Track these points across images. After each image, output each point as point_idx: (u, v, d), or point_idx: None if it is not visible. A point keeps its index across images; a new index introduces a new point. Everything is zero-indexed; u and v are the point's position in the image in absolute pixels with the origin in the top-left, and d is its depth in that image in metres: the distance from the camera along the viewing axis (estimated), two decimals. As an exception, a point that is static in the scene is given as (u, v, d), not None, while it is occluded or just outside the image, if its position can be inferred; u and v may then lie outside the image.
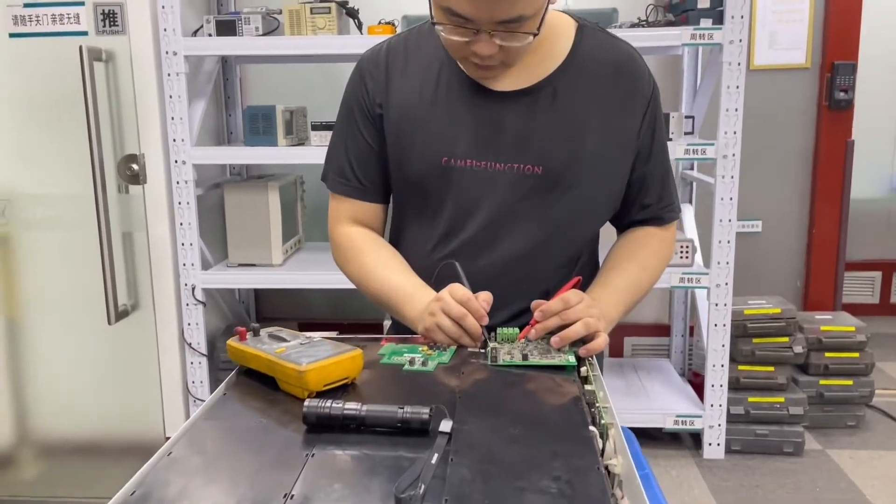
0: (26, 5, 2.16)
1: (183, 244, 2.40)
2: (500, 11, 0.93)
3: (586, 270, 1.18)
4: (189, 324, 2.45)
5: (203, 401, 2.47)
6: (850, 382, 2.64)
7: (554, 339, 0.98)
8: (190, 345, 2.45)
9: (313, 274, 2.47)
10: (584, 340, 0.99)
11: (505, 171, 1.08)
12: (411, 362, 0.95)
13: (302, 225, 2.83)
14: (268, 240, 2.52)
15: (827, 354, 2.63)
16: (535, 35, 0.97)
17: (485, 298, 1.02)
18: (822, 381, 2.64)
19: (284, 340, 0.92)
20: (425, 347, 1.01)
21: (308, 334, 1.01)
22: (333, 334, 1.08)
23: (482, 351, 1.00)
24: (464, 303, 1.00)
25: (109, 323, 2.21)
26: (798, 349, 2.55)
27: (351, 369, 0.88)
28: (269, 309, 3.16)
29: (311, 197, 2.87)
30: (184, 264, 2.41)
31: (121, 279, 2.28)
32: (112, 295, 2.20)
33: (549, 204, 1.09)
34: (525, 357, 0.95)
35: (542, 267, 1.12)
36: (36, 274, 2.35)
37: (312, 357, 0.85)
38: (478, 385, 0.90)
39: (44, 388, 2.40)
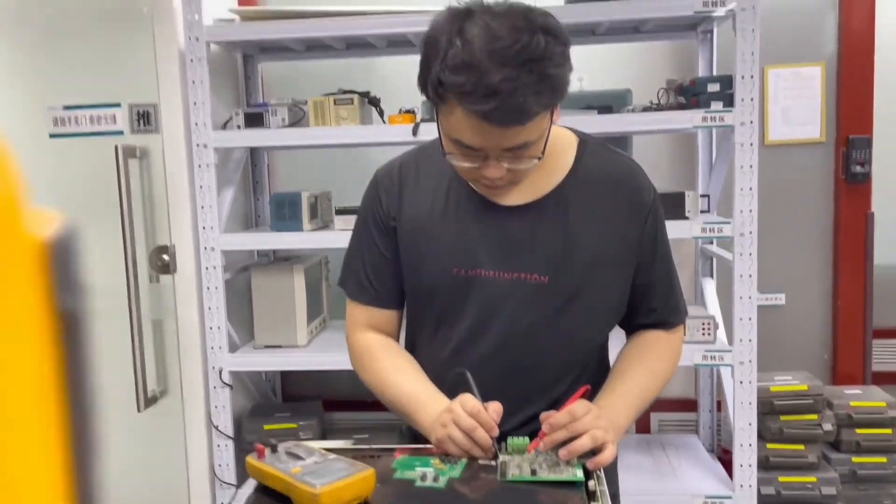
0: (66, 108, 2.29)
1: (211, 328, 2.46)
2: (506, 141, 0.99)
3: (596, 375, 1.20)
4: (216, 406, 2.49)
5: (230, 484, 2.50)
6: (883, 460, 2.58)
7: (562, 452, 1.00)
8: (217, 427, 2.49)
9: (338, 354, 2.51)
10: (593, 452, 1.01)
11: (513, 280, 1.13)
12: (423, 478, 0.98)
13: (327, 303, 2.89)
14: (293, 321, 2.57)
15: (858, 431, 2.58)
16: (539, 158, 1.03)
17: (495, 409, 1.05)
18: (855, 459, 2.58)
19: (300, 458, 0.96)
20: (437, 460, 1.03)
21: (324, 445, 1.04)
22: (349, 443, 1.11)
23: (493, 463, 1.02)
24: (474, 415, 1.03)
25: (139, 410, 2.27)
26: (827, 427, 2.51)
27: (363, 489, 0.91)
28: (294, 387, 3.19)
29: (335, 275, 2.94)
30: (211, 347, 2.47)
31: (150, 366, 2.35)
32: (142, 383, 2.26)
33: (556, 311, 1.13)
34: (533, 472, 0.97)
35: (551, 373, 1.15)
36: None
37: (326, 479, 0.88)
38: (486, 503, 0.92)
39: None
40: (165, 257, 2.37)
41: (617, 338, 1.27)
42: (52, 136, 2.31)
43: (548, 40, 0.96)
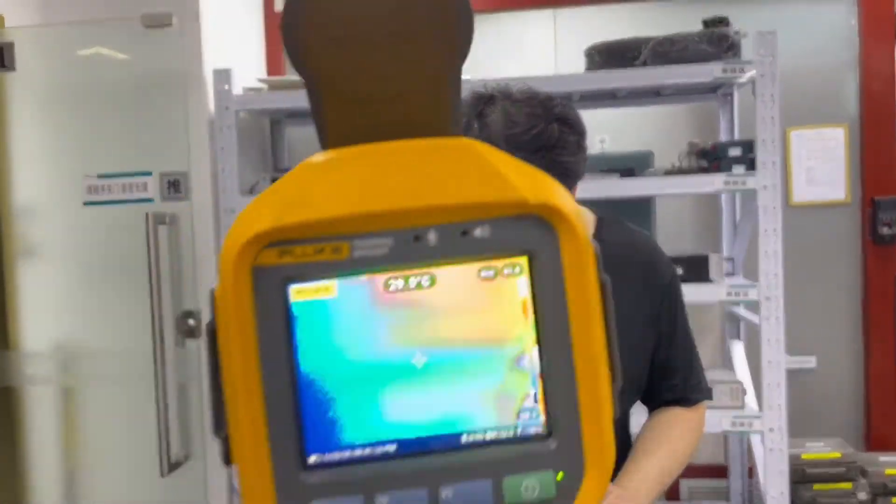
0: (100, 176, 2.37)
1: (235, 392, 2.47)
2: None
3: (618, 452, 1.18)
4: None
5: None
6: (923, 531, 2.48)
7: (584, 538, 0.98)
8: (238, 492, 2.47)
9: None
10: (616, 537, 0.99)
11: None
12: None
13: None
14: (316, 385, 2.57)
15: (894, 500, 2.50)
16: None
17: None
18: (894, 530, 2.49)
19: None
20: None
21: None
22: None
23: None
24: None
25: (162, 475, 2.27)
26: (862, 496, 2.43)
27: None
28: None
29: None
30: (235, 412, 2.48)
31: (174, 430, 2.36)
32: (165, 448, 2.27)
33: (578, 390, 1.12)
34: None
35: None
36: (94, 426, 2.44)
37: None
38: None
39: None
40: (192, 321, 2.40)
41: (636, 412, 1.25)
42: (85, 203, 2.38)
43: (563, 130, 0.98)
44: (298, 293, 0.34)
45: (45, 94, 2.49)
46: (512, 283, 0.35)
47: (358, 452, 0.35)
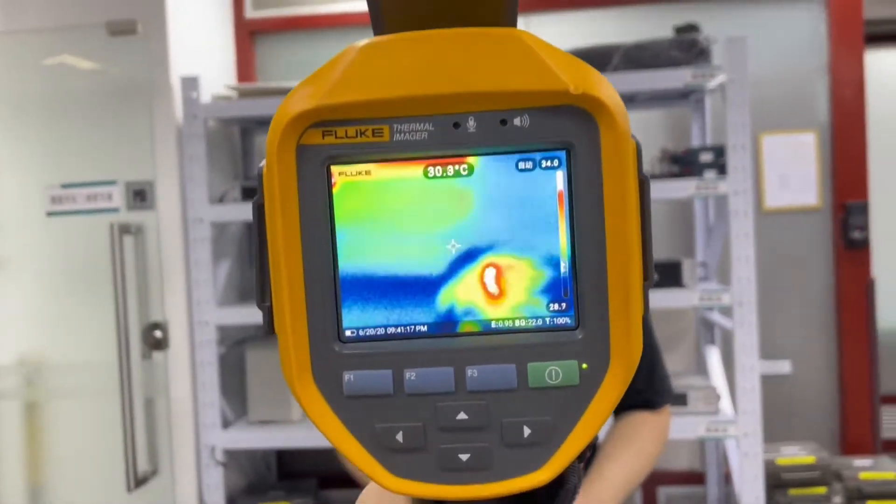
0: (63, 186, 2.32)
1: (204, 403, 2.43)
2: None
3: (585, 455, 1.17)
4: (208, 485, 2.43)
5: (221, 566, 2.42)
6: (898, 534, 2.48)
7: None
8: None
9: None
10: (580, 547, 0.97)
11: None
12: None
13: (324, 376, 2.85)
14: (288, 395, 2.53)
15: (869, 503, 2.50)
16: None
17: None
18: (869, 534, 2.49)
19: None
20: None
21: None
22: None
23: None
24: None
25: (129, 490, 2.22)
26: (837, 500, 2.43)
27: None
28: (290, 463, 3.13)
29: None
30: (204, 424, 2.43)
31: (140, 445, 2.31)
32: (132, 463, 2.22)
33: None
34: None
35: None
36: (59, 440, 2.38)
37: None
38: None
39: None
40: (158, 333, 2.36)
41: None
42: (49, 214, 2.34)
43: None
44: (340, 173, 0.36)
45: (8, 102, 2.44)
46: (549, 176, 0.36)
47: (391, 330, 0.36)
